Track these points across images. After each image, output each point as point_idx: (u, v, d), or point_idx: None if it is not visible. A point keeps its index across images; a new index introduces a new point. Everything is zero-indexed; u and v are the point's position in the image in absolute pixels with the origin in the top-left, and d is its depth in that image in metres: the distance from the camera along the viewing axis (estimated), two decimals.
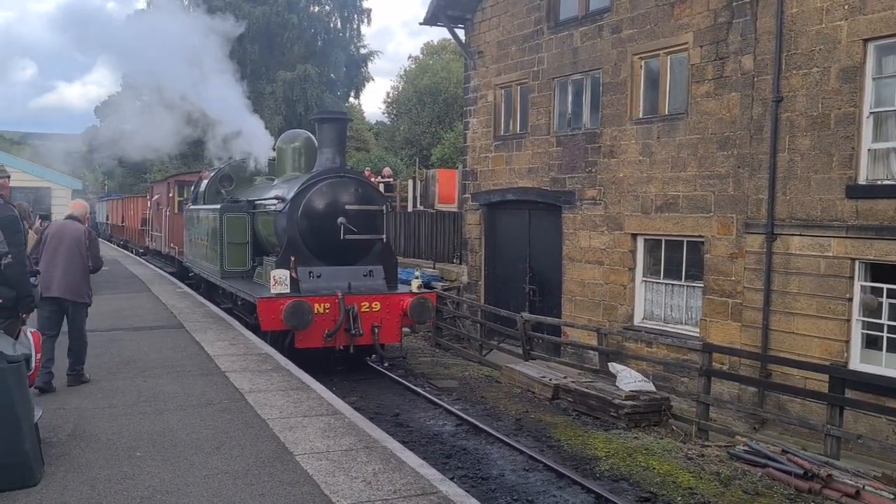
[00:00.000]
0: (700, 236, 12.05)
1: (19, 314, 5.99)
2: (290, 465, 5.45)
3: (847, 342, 9.81)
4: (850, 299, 9.81)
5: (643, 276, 13.29)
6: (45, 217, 14.33)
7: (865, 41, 9.62)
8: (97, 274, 8.44)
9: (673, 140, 12.48)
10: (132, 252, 30.43)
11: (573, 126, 14.92)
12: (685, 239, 12.45)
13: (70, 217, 8.02)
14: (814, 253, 10.21)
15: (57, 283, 7.59)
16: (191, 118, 15.99)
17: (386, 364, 12.53)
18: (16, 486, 4.91)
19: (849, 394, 8.99)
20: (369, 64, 43.27)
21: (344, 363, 12.28)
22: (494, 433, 9.32)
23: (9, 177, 6.35)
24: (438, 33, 58.08)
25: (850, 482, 7.71)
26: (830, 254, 9.99)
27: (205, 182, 16.60)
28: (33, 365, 5.77)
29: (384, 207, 12.20)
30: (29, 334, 5.92)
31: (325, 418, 6.72)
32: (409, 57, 75.77)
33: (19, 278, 5.81)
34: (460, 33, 18.43)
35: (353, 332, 11.15)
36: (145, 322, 11.99)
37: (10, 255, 5.68)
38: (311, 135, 13.86)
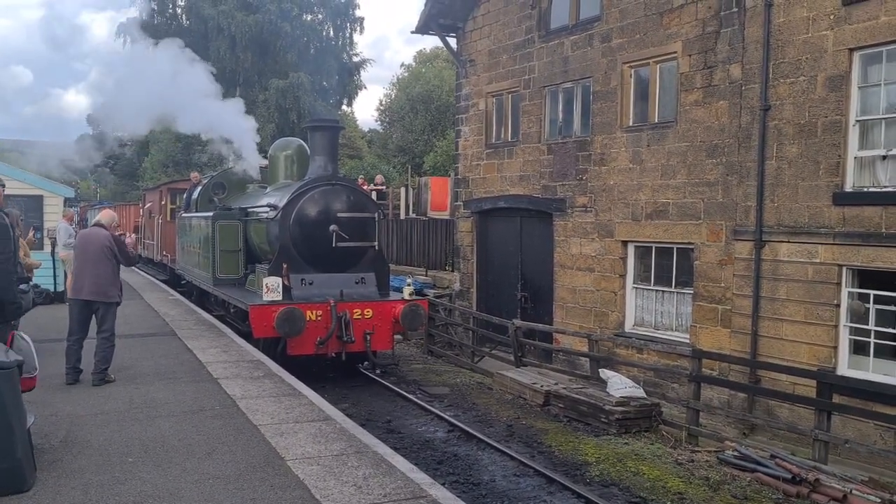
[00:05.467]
0: (690, 243, 12.15)
1: (8, 321, 5.99)
2: (282, 470, 5.49)
3: (835, 348, 9.89)
4: (838, 305, 9.89)
5: (634, 283, 13.37)
6: (38, 228, 14.36)
7: (851, 50, 9.75)
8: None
9: (662, 148, 12.59)
10: None
11: (564, 134, 15.01)
12: (675, 246, 12.54)
13: (97, 224, 8.58)
14: (802, 259, 10.30)
15: (87, 286, 8.16)
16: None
17: (378, 371, 12.56)
18: (8, 491, 4.94)
19: (836, 399, 9.08)
20: (362, 72, 43.54)
21: (336, 370, 12.30)
22: (486, 439, 9.37)
23: (3, 186, 6.35)
24: (431, 42, 58.38)
25: (837, 486, 7.79)
26: (818, 260, 10.09)
27: (197, 190, 16.62)
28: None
29: (376, 215, 12.25)
30: (27, 339, 5.92)
31: (316, 424, 6.76)
32: (402, 65, 76.02)
33: (4, 286, 5.80)
34: (452, 42, 18.53)
35: (345, 339, 11.18)
36: (137, 329, 11.99)
37: None
38: (303, 142, 13.91)
